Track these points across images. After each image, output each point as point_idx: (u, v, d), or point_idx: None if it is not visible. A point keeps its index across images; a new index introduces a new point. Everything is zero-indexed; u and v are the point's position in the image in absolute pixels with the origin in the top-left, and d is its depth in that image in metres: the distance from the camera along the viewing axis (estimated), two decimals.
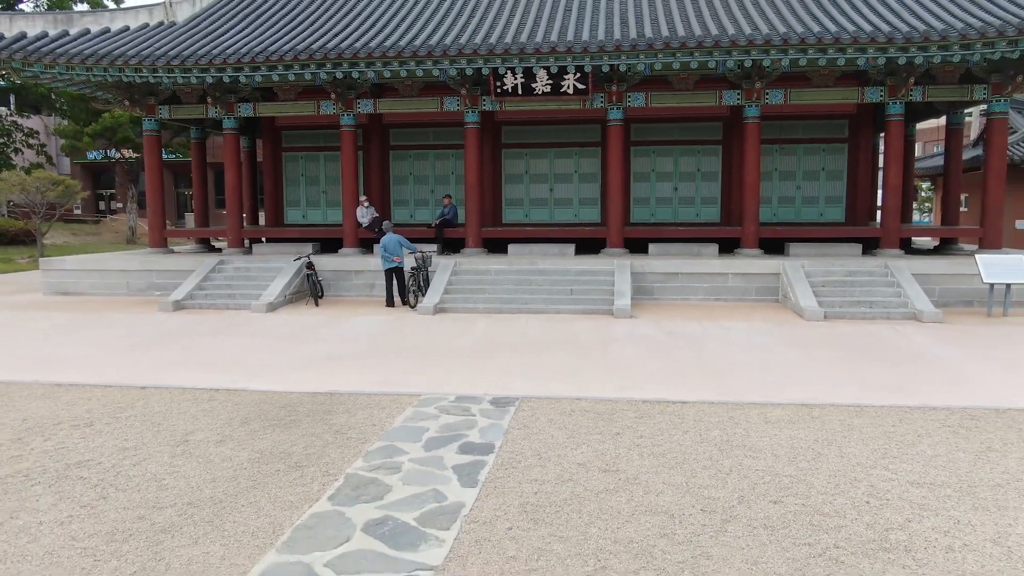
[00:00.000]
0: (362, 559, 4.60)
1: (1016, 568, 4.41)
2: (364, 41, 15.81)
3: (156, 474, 6.10)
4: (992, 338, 11.48)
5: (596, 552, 4.66)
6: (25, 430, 7.30)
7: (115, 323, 13.48)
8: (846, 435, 6.92)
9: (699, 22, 15.36)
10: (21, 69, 16.51)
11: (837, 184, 18.70)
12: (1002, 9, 14.34)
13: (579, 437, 6.92)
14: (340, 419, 7.60)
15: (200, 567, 4.53)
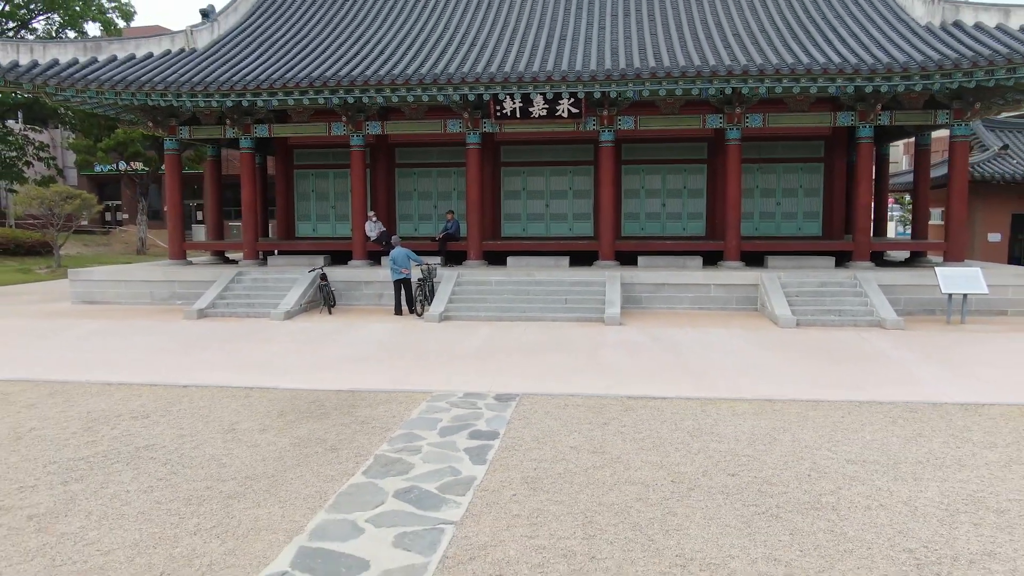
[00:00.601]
0: (395, 516, 5.68)
1: (917, 521, 5.51)
2: (374, 69, 16.97)
3: (213, 455, 7.17)
4: (945, 343, 12.62)
5: (584, 511, 5.75)
6: (92, 421, 8.37)
7: (146, 330, 14.55)
8: (800, 424, 8.03)
9: (683, 52, 16.55)
10: (54, 93, 17.63)
11: (814, 200, 19.90)
12: (962, 44, 15.55)
13: (572, 426, 8.01)
14: (364, 412, 8.68)
15: (266, 522, 5.60)
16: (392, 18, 20.62)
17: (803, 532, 5.34)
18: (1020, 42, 14.93)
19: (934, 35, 16.11)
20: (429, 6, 21.03)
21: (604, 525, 5.48)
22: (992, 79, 14.85)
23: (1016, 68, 14.46)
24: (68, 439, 7.71)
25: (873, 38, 16.40)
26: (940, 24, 16.58)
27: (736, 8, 19.08)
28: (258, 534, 5.40)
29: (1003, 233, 26.08)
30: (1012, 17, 15.89)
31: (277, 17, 21.08)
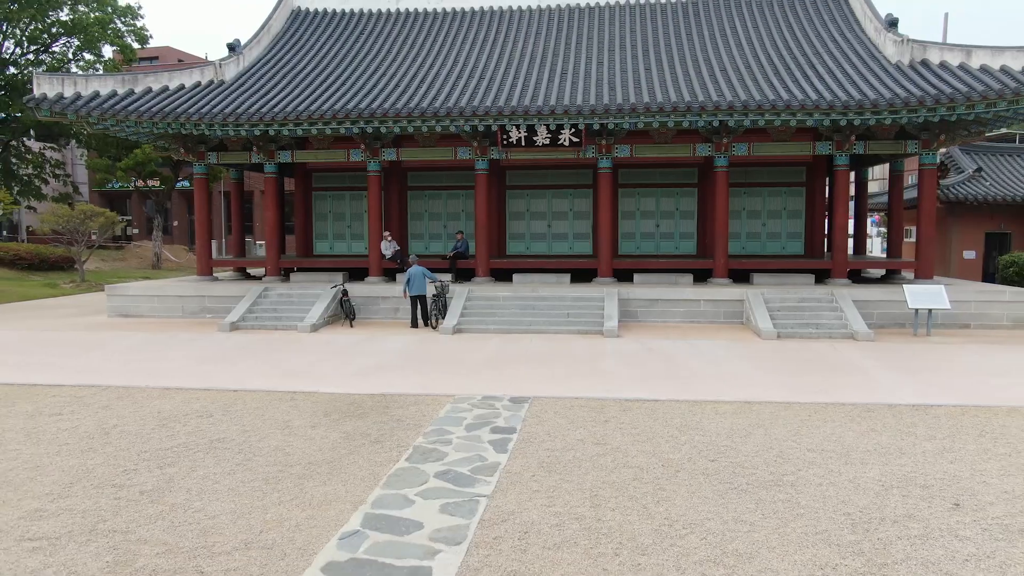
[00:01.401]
0: (438, 492, 6.97)
1: (857, 494, 6.81)
2: (392, 102, 18.37)
3: (277, 446, 8.46)
4: (908, 353, 13.96)
5: (591, 488, 7.05)
6: (164, 419, 9.65)
7: (186, 341, 15.84)
8: (772, 421, 9.34)
9: (675, 87, 17.98)
10: (96, 123, 18.99)
11: (797, 221, 21.30)
12: (927, 82, 16.99)
13: (577, 423, 9.32)
14: (398, 412, 9.98)
15: (334, 496, 6.89)
16: (404, 52, 22.07)
17: (766, 502, 6.64)
18: (979, 81, 16.37)
19: (903, 73, 17.55)
20: (439, 42, 22.49)
21: (607, 497, 6.78)
22: (954, 114, 16.30)
23: (974, 105, 15.89)
24: (149, 434, 8.99)
25: (848, 75, 17.83)
26: (909, 63, 18.02)
27: (723, 44, 20.55)
28: (329, 504, 6.69)
29: (977, 251, 27.50)
30: (973, 57, 17.33)
31: (296, 50, 22.51)
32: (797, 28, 21.08)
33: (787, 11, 22.20)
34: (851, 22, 20.93)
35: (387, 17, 24.63)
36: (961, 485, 7.07)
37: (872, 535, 5.92)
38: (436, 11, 24.68)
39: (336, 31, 23.80)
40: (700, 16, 22.62)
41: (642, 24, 22.46)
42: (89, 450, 8.33)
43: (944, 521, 6.20)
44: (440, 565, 5.45)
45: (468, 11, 24.51)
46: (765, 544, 5.77)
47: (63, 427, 9.31)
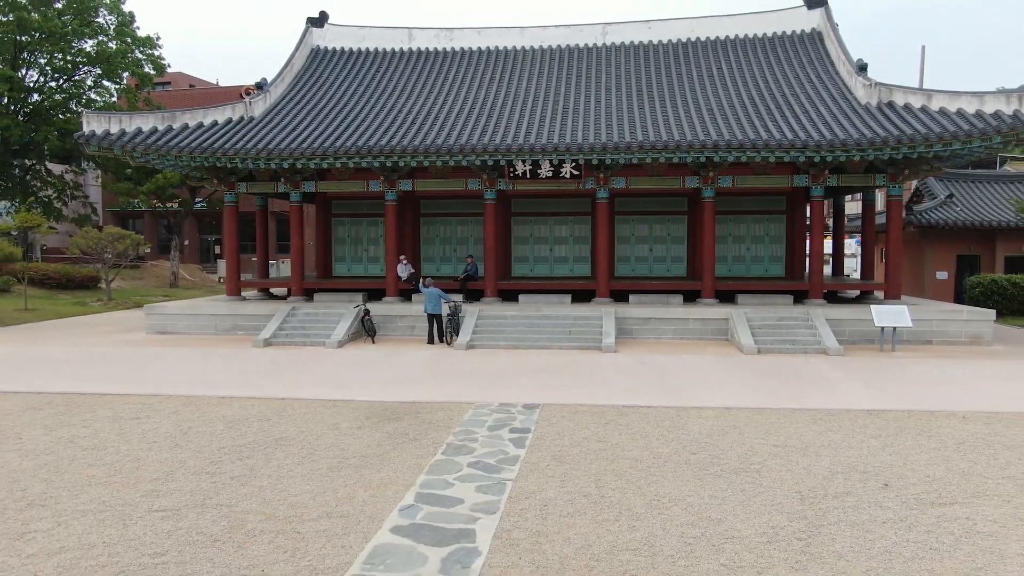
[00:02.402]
0: (472, 477, 8.56)
1: (809, 478, 8.42)
2: (409, 139, 20.09)
3: (333, 443, 10.05)
4: (872, 367, 15.62)
5: (595, 474, 8.65)
6: (230, 422, 11.23)
7: (226, 356, 17.42)
8: (747, 423, 10.96)
9: (666, 127, 19.73)
10: (139, 157, 20.66)
11: (778, 246, 23.03)
12: (891, 123, 18.77)
13: (582, 425, 10.93)
14: (428, 416, 11.57)
15: (388, 480, 8.48)
16: (417, 90, 23.84)
17: (735, 484, 8.26)
18: (936, 123, 18.14)
19: (871, 114, 19.33)
20: (449, 80, 24.28)
21: (608, 480, 8.39)
22: (915, 152, 18.06)
23: (932, 145, 17.65)
24: (221, 433, 10.57)
25: (822, 116, 19.61)
26: (876, 104, 19.80)
27: (711, 84, 22.36)
28: (386, 486, 8.28)
29: (949, 272, 29.25)
30: (933, 100, 19.12)
31: (318, 87, 24.27)
32: (778, 69, 22.90)
33: (769, 53, 24.04)
34: (827, 64, 22.76)
35: (400, 56, 26.44)
36: (893, 471, 8.69)
37: (815, 506, 7.54)
38: (446, 50, 26.50)
39: (353, 69, 25.58)
40: (689, 57, 24.46)
41: (636, 64, 24.29)
42: (176, 446, 9.91)
43: (873, 496, 7.82)
44: (481, 528, 7.05)
45: (476, 50, 26.34)
46: (732, 513, 7.39)
47: (146, 428, 10.89)
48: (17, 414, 11.84)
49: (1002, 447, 9.70)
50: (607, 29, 25.96)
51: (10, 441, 10.19)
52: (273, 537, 6.85)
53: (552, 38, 26.22)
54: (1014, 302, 24.21)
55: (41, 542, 6.77)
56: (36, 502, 7.81)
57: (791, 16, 25.05)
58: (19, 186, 42.81)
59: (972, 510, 7.45)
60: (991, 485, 8.21)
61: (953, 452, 9.47)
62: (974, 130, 17.39)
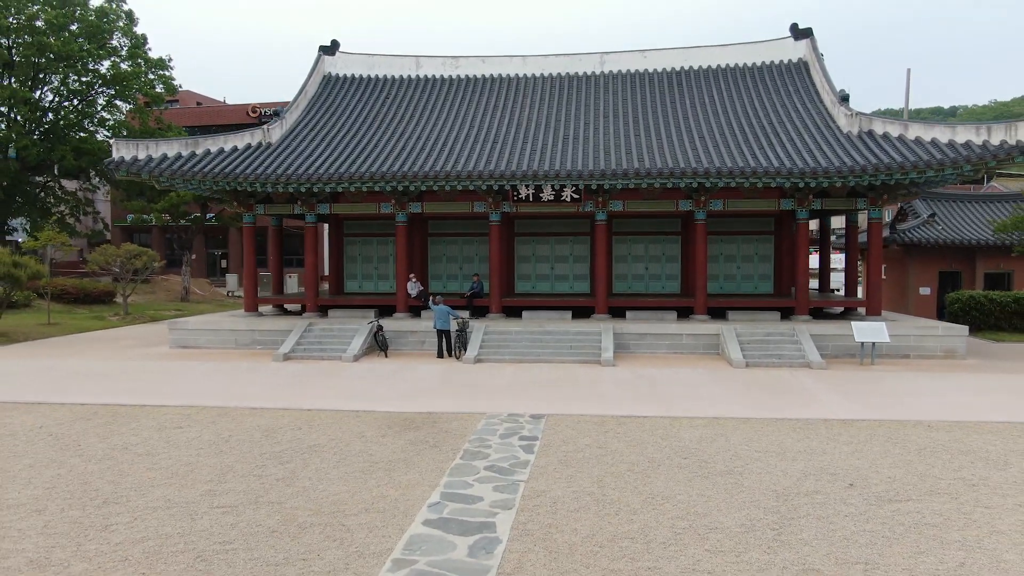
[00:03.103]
0: (489, 478, 9.67)
1: (785, 479, 9.54)
2: (419, 165, 21.28)
3: (361, 450, 11.15)
4: (851, 380, 16.76)
5: (597, 476, 9.76)
6: (265, 431, 12.32)
7: (250, 369, 18.51)
8: (733, 432, 12.09)
9: (660, 154, 20.95)
10: (165, 182, 21.81)
11: (767, 265, 24.21)
12: (870, 151, 19.99)
13: (584, 433, 12.04)
14: (444, 425, 12.68)
15: (415, 482, 9.58)
16: (425, 116, 25.06)
17: (720, 484, 9.37)
18: (912, 152, 19.37)
19: (851, 143, 20.55)
20: (455, 106, 25.51)
21: (609, 481, 9.50)
22: (892, 179, 19.27)
23: (908, 172, 18.86)
24: (259, 441, 11.67)
25: (806, 144, 20.84)
26: (858, 132, 21.04)
27: (702, 112, 23.60)
28: (414, 487, 9.39)
29: (932, 287, 30.45)
30: (909, 130, 20.35)
31: (331, 113, 25.47)
32: (766, 97, 24.16)
33: (758, 81, 25.32)
34: (812, 93, 24.03)
35: (408, 82, 27.68)
36: (859, 473, 9.82)
37: (788, 502, 8.67)
38: (452, 77, 27.75)
39: (364, 95, 26.81)
40: (683, 85, 25.72)
41: (632, 92, 25.54)
42: (220, 452, 11.01)
43: (839, 495, 8.95)
44: (500, 521, 8.15)
45: (480, 77, 27.59)
46: (716, 508, 8.50)
47: (190, 437, 11.98)
48: (70, 423, 12.92)
49: (959, 452, 10.84)
50: (604, 58, 27.23)
51: (71, 448, 11.28)
52: (322, 529, 7.95)
53: (552, 66, 27.49)
54: (991, 317, 25.39)
55: (124, 533, 7.87)
56: (110, 500, 8.90)
57: (779, 47, 26.35)
58: (34, 203, 43.95)
59: (923, 505, 8.57)
60: (943, 485, 9.34)
61: (915, 457, 10.60)
62: (946, 159, 18.61)
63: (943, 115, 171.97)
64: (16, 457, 10.81)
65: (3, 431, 12.36)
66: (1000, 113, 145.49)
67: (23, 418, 13.38)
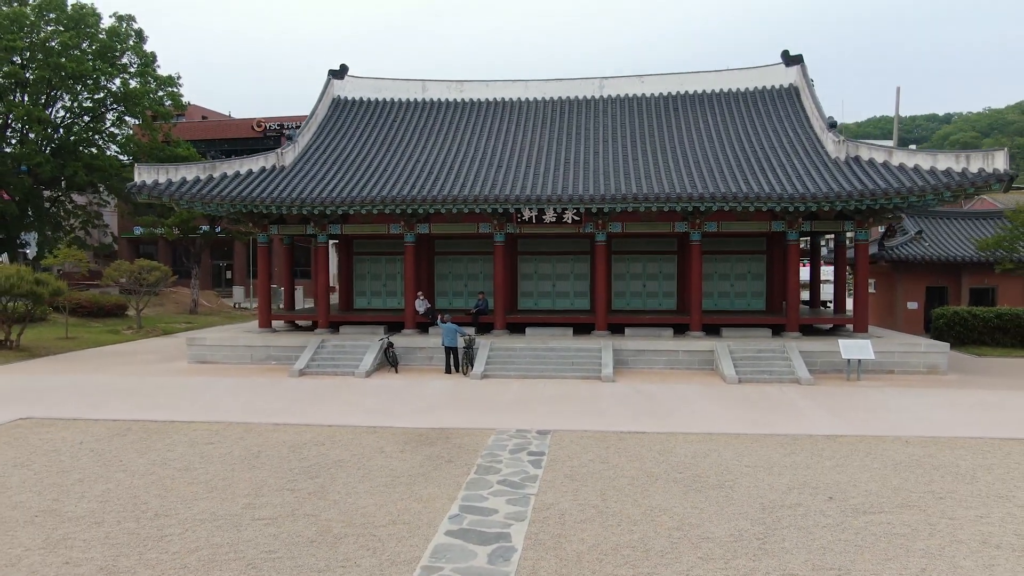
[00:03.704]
0: (502, 492, 10.56)
1: (772, 492, 10.45)
2: (428, 188, 22.23)
3: (383, 465, 12.04)
4: (837, 395, 17.70)
5: (600, 489, 10.66)
6: (291, 447, 13.21)
7: (268, 385, 19.40)
8: (724, 447, 13.00)
9: (657, 179, 21.92)
10: (185, 205, 22.75)
11: (759, 282, 25.18)
12: (856, 176, 20.98)
13: (587, 448, 12.95)
14: (457, 441, 13.58)
15: (435, 495, 10.48)
16: (431, 139, 26.03)
17: (712, 497, 10.29)
18: (895, 178, 20.36)
19: (839, 168, 21.55)
20: (460, 129, 26.49)
21: (611, 495, 10.41)
22: (877, 204, 20.26)
23: (891, 198, 19.85)
24: (287, 456, 12.56)
25: (796, 169, 21.83)
26: (845, 158, 22.03)
27: (697, 136, 24.60)
28: (434, 500, 10.29)
29: (919, 302, 31.42)
30: (893, 156, 21.36)
31: (340, 136, 26.43)
32: (759, 122, 25.16)
33: (751, 106, 26.33)
34: (802, 119, 25.04)
35: (414, 106, 28.67)
36: (839, 487, 10.74)
37: (773, 514, 9.59)
38: (457, 101, 28.74)
39: (372, 118, 27.78)
40: (679, 110, 26.74)
41: (630, 116, 26.54)
42: (253, 468, 11.91)
43: (819, 507, 9.87)
44: (515, 531, 9.06)
45: (484, 101, 28.59)
46: (708, 520, 9.42)
47: (221, 452, 12.87)
48: (108, 439, 13.81)
49: (931, 467, 11.77)
50: (603, 83, 28.25)
51: (115, 464, 12.16)
52: (356, 539, 8.85)
53: (553, 91, 28.50)
54: (974, 332, 26.36)
55: (178, 543, 8.77)
56: (160, 513, 9.80)
57: (771, 72, 27.38)
58: (46, 217, 44.83)
59: (894, 517, 9.50)
60: (914, 498, 10.27)
61: (891, 471, 11.53)
62: (927, 186, 19.60)
63: (938, 122, 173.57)
64: (65, 472, 11.69)
65: (48, 447, 13.24)
66: (994, 120, 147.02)
67: (63, 434, 14.26)
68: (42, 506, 10.09)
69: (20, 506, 10.08)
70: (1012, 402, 16.98)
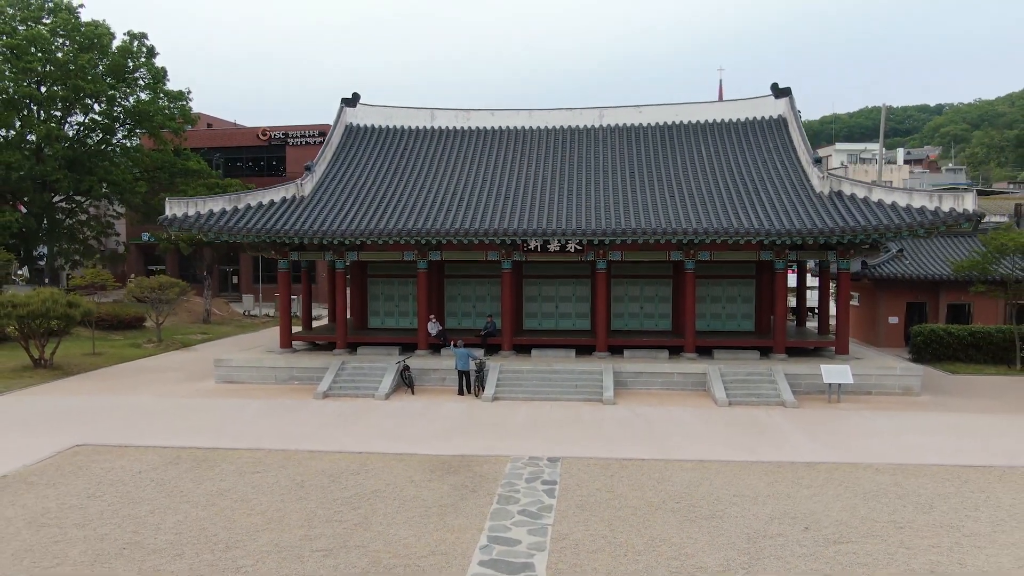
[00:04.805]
0: (523, 522, 12.10)
1: (756, 521, 12.03)
2: (440, 221, 23.70)
3: (415, 495, 13.56)
4: (818, 418, 19.30)
5: (608, 520, 12.21)
6: (330, 476, 14.71)
7: (295, 408, 20.86)
8: (716, 476, 14.56)
9: (654, 212, 23.43)
10: (214, 237, 24.16)
11: (749, 305, 26.77)
12: (838, 211, 22.54)
13: (594, 476, 14.49)
14: (478, 469, 15.11)
15: (464, 526, 12.01)
16: (440, 169, 27.45)
17: (705, 527, 11.85)
18: (874, 214, 21.92)
19: (823, 203, 23.08)
20: (468, 159, 27.93)
21: (617, 525, 11.97)
22: (857, 238, 21.83)
23: (870, 235, 21.43)
24: (328, 486, 14.07)
25: (783, 204, 23.35)
26: (829, 192, 23.56)
27: (691, 168, 26.11)
28: (464, 531, 11.82)
29: (900, 317, 33.04)
30: (873, 192, 22.92)
31: (354, 164, 27.81)
32: (749, 154, 26.66)
33: (742, 137, 27.83)
34: (790, 151, 26.55)
35: (424, 134, 30.07)
36: (814, 517, 12.32)
37: (756, 544, 11.16)
38: (464, 129, 30.15)
39: (383, 146, 29.17)
40: (674, 139, 28.22)
41: (628, 147, 28.02)
42: (301, 499, 13.42)
43: (796, 537, 11.45)
44: (537, 561, 10.61)
45: (489, 130, 30.01)
46: (701, 550, 10.99)
47: (268, 481, 14.37)
48: (163, 468, 15.29)
49: (895, 496, 13.37)
50: (603, 113, 29.70)
51: (177, 495, 13.66)
52: (404, 569, 10.39)
53: (556, 120, 29.94)
54: (949, 349, 28.01)
55: (253, 573, 10.29)
56: (231, 544, 11.31)
57: (761, 104, 28.88)
58: (61, 230, 46.09)
59: (859, 547, 11.09)
60: (878, 528, 11.86)
61: (860, 501, 13.12)
62: (903, 224, 21.18)
63: (929, 112, 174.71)
64: (135, 504, 13.18)
65: (112, 477, 14.72)
66: (985, 111, 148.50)
67: (120, 463, 15.73)
68: (125, 538, 11.59)
69: (107, 538, 11.59)
70: (975, 425, 18.61)
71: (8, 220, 39.77)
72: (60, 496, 13.54)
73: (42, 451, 16.49)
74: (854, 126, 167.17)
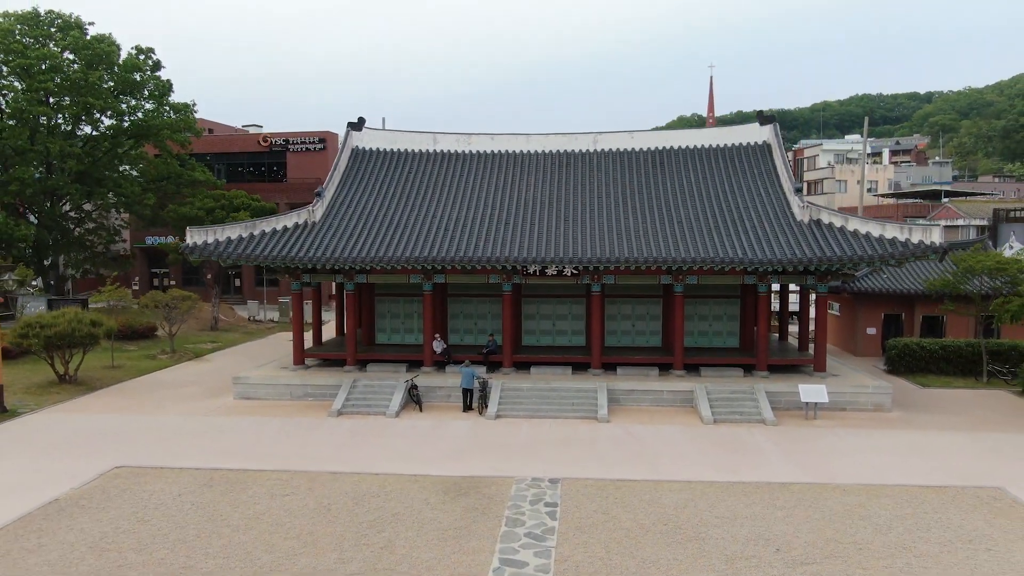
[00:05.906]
0: (529, 544, 13.65)
1: (733, 543, 13.60)
2: (444, 248, 25.15)
3: (432, 517, 15.10)
4: (795, 436, 20.91)
5: (604, 542, 13.77)
6: (354, 498, 16.22)
7: (312, 426, 22.34)
8: (700, 496, 16.14)
9: (645, 241, 24.95)
10: (230, 262, 25.54)
11: (734, 323, 28.38)
12: (816, 239, 24.10)
13: (591, 497, 16.05)
14: (485, 491, 16.65)
15: (478, 548, 13.55)
16: (443, 194, 28.85)
17: (689, 548, 13.42)
18: (850, 245, 23.50)
19: (803, 231, 24.64)
20: (470, 183, 29.34)
21: (612, 547, 13.53)
22: (834, 266, 23.42)
23: (845, 264, 23.02)
24: (352, 508, 15.58)
25: (766, 232, 24.89)
26: (808, 221, 25.12)
27: (680, 194, 27.61)
28: (478, 552, 13.37)
29: (877, 328, 34.74)
30: (850, 222, 24.49)
31: (361, 189, 29.16)
32: (734, 179, 28.17)
33: (728, 162, 29.34)
34: (773, 178, 28.07)
35: (427, 157, 31.44)
36: (785, 539, 13.92)
37: (733, 565, 12.75)
38: (465, 152, 31.54)
39: (389, 170, 30.51)
40: (664, 164, 29.70)
41: (621, 170, 29.47)
42: (330, 522, 14.93)
43: (768, 558, 13.05)
44: None
45: (489, 153, 31.41)
46: (684, 571, 12.57)
47: (298, 504, 15.87)
48: (199, 491, 16.76)
49: (858, 517, 14.98)
50: (598, 138, 31.15)
51: (217, 519, 15.14)
52: None
53: (553, 144, 31.37)
54: (922, 361, 29.70)
55: None
56: (273, 568, 12.82)
57: (747, 131, 30.39)
58: (70, 238, 47.27)
59: (822, 568, 12.70)
60: (840, 549, 13.47)
61: (826, 523, 14.73)
62: (875, 254, 22.78)
63: (919, 100, 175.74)
64: (182, 528, 14.66)
65: (154, 500, 16.18)
66: (974, 100, 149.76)
67: (158, 485, 17.18)
68: (180, 561, 13.09)
69: (163, 562, 13.08)
70: (937, 444, 20.25)
71: (24, 234, 40.95)
72: (112, 520, 15.01)
73: (86, 473, 17.92)
74: (844, 114, 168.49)
